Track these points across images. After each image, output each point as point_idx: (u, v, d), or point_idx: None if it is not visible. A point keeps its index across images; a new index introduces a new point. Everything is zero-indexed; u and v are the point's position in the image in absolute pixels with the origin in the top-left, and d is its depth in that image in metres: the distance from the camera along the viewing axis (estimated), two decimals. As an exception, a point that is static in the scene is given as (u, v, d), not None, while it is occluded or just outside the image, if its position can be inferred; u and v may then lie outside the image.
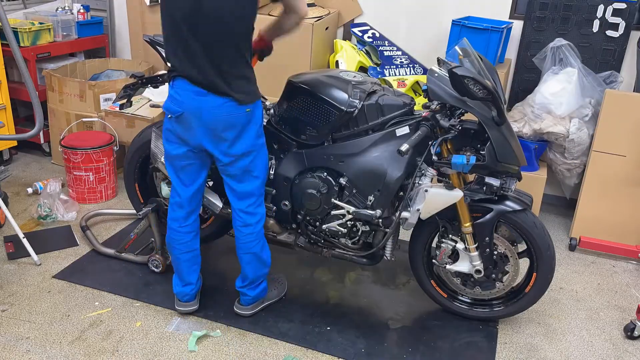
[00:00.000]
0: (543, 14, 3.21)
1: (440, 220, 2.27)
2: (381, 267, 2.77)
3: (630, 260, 3.02)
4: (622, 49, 3.15)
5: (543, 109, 3.01)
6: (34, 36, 3.54)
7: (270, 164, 2.39)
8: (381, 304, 2.51)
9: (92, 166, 3.19)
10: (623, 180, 2.98)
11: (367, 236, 2.34)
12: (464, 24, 3.03)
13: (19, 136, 2.80)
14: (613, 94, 2.94)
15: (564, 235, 3.25)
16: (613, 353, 2.31)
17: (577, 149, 3.05)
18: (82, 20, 3.86)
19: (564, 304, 2.62)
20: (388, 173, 2.14)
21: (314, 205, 2.27)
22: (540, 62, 3.16)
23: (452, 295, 2.44)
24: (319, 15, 3.33)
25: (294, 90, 2.24)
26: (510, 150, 2.06)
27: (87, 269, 2.62)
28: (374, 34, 3.46)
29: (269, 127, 2.32)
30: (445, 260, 2.30)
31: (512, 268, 2.29)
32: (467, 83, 1.90)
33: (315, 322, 2.35)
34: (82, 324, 2.27)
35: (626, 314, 2.56)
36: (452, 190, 2.13)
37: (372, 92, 2.19)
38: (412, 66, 3.39)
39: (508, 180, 2.14)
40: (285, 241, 2.43)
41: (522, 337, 2.38)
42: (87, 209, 3.15)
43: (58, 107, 3.51)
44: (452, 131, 2.05)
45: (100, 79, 3.73)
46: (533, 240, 2.21)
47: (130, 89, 2.50)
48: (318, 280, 2.67)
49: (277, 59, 3.25)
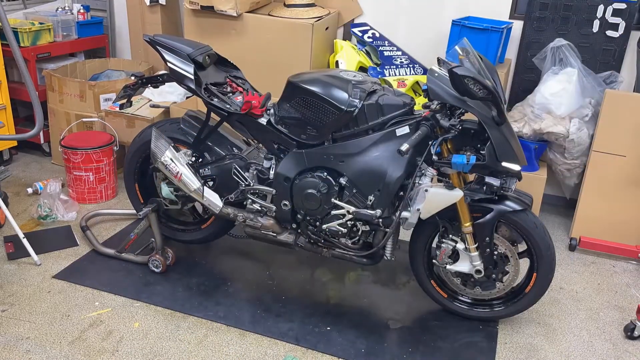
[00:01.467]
0: (543, 14, 3.21)
1: (440, 220, 2.27)
2: (381, 267, 2.77)
3: (630, 261, 3.02)
4: (622, 49, 3.15)
5: (543, 109, 3.01)
6: (34, 36, 3.54)
7: (271, 164, 2.40)
8: (381, 304, 2.51)
9: (92, 166, 3.19)
10: (623, 181, 2.98)
11: (367, 236, 2.34)
12: (464, 24, 3.03)
13: (19, 136, 2.80)
14: (613, 94, 2.94)
15: (564, 235, 3.25)
16: (613, 353, 2.31)
17: (577, 149, 3.05)
18: (82, 21, 3.86)
19: (564, 304, 2.62)
20: (388, 173, 2.14)
21: (314, 205, 2.27)
22: (540, 62, 3.16)
23: (452, 295, 2.44)
24: (319, 15, 3.33)
25: (294, 90, 2.24)
26: (510, 149, 2.06)
27: (87, 269, 2.62)
28: (374, 34, 3.46)
29: (269, 127, 2.32)
30: (445, 261, 2.30)
31: (512, 268, 2.29)
32: (467, 83, 1.90)
33: (315, 322, 2.35)
34: (82, 324, 2.27)
35: (626, 314, 2.56)
36: (452, 190, 2.13)
37: (372, 91, 2.19)
38: (412, 66, 3.39)
39: (508, 180, 2.14)
40: (285, 241, 2.43)
41: (522, 337, 2.37)
42: (87, 209, 3.15)
43: (58, 107, 3.51)
44: (452, 131, 2.05)
45: (100, 79, 3.73)
46: (533, 241, 2.21)
47: (130, 89, 2.50)
48: (318, 280, 2.67)
49: (276, 59, 3.27)
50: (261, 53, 3.27)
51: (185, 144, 2.54)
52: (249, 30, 3.26)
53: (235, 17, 3.22)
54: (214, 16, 3.26)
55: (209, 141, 2.51)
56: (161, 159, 2.40)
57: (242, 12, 3.23)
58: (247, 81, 2.58)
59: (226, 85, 2.48)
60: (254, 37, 3.26)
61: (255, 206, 2.41)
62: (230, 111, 2.33)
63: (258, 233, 2.46)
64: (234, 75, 2.56)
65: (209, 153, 2.52)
